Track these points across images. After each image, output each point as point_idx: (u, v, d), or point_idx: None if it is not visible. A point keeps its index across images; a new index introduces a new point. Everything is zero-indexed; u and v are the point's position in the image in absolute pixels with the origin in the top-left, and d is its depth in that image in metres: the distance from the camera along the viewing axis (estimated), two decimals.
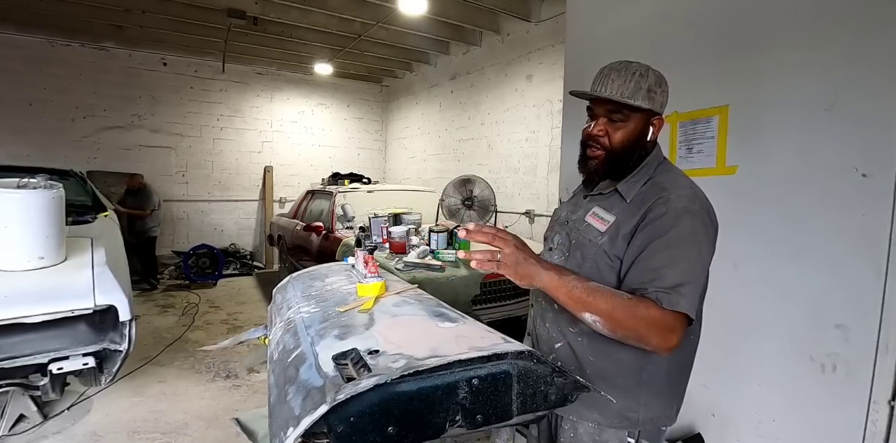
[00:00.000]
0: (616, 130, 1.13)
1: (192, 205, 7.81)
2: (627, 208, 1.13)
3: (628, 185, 1.15)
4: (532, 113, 5.56)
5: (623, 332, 0.98)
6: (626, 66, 1.12)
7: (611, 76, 1.12)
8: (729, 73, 1.94)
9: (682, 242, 1.03)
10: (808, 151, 1.71)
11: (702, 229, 1.05)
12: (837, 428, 1.64)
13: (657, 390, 1.16)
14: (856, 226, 1.58)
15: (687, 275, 1.01)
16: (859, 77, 1.57)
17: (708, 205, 1.11)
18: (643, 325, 0.96)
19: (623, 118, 1.12)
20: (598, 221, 1.16)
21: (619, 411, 1.14)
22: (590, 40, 2.60)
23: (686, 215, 1.04)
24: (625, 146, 1.14)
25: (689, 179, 1.17)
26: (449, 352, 0.86)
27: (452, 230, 3.45)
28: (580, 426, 1.19)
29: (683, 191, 1.09)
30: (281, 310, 1.49)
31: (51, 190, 2.21)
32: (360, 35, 6.20)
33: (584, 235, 1.17)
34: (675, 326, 0.97)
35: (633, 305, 0.97)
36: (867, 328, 1.56)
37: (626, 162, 1.15)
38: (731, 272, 1.94)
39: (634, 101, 1.09)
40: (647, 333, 0.97)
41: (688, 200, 1.07)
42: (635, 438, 1.17)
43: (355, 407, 0.75)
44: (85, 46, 6.79)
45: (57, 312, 2.00)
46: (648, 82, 1.10)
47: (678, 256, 1.02)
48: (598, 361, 1.16)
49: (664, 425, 1.21)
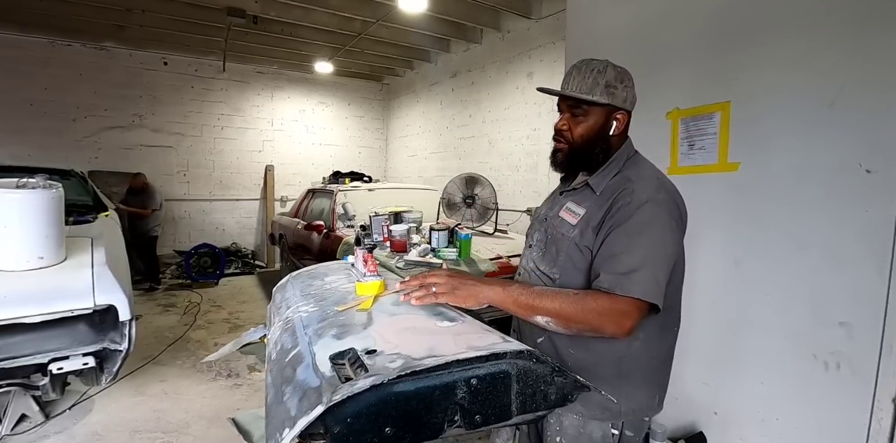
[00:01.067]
0: (577, 124, 1.18)
1: (193, 204, 7.81)
2: (597, 201, 1.16)
3: (598, 178, 1.19)
4: (533, 111, 5.55)
5: (577, 326, 1.02)
6: (586, 63, 1.16)
7: (573, 74, 1.17)
8: (731, 69, 1.92)
9: (641, 228, 1.06)
10: (811, 146, 1.69)
11: (665, 218, 1.07)
12: (841, 426, 1.63)
13: (638, 382, 1.18)
14: (859, 222, 1.56)
15: (644, 261, 1.03)
16: (863, 71, 1.55)
17: (675, 196, 1.14)
18: (593, 315, 1.00)
19: (583, 113, 1.17)
20: (570, 214, 1.20)
21: (601, 402, 1.16)
22: (590, 37, 2.58)
23: (648, 204, 1.07)
24: (585, 140, 1.18)
25: (658, 171, 1.20)
26: (447, 351, 0.85)
27: (453, 228, 3.44)
28: (565, 419, 1.21)
29: (649, 182, 1.12)
30: (280, 309, 1.48)
31: (50, 190, 2.21)
32: (360, 33, 6.18)
33: (559, 230, 1.21)
34: (628, 312, 1.00)
35: (580, 299, 1.01)
36: (871, 326, 1.55)
37: (589, 155, 1.20)
38: (733, 269, 1.92)
39: (592, 95, 1.13)
40: (599, 322, 1.00)
41: (653, 190, 1.10)
42: (619, 429, 1.20)
43: (352, 408, 0.74)
44: (86, 46, 6.79)
45: (56, 312, 2.00)
46: (606, 78, 1.13)
47: (636, 242, 1.05)
48: (577, 353, 1.19)
49: (646, 416, 1.23)
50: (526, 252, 1.37)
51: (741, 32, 1.88)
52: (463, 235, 3.35)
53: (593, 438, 1.19)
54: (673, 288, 1.16)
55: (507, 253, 3.56)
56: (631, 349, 1.15)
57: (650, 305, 1.02)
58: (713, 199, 1.97)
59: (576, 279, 1.15)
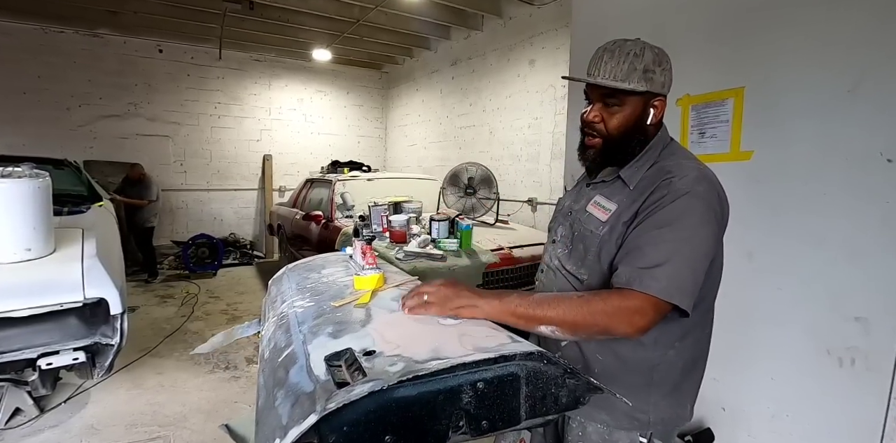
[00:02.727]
0: (612, 115, 1.06)
1: (190, 194, 7.73)
2: (630, 195, 1.05)
3: (631, 171, 1.08)
4: (535, 99, 5.45)
5: (584, 330, 0.93)
6: (619, 46, 1.03)
7: (604, 58, 1.04)
8: (745, 53, 1.84)
9: (672, 220, 0.96)
10: (829, 135, 1.61)
11: (701, 211, 0.97)
12: (855, 424, 1.58)
13: (668, 390, 1.10)
14: (879, 214, 1.50)
15: (669, 255, 0.93)
16: (887, 54, 1.47)
17: (718, 188, 1.03)
18: (601, 317, 0.91)
19: (618, 102, 1.05)
20: (600, 210, 1.10)
21: (628, 412, 1.08)
22: (597, 22, 2.50)
23: (685, 196, 0.97)
24: (622, 132, 1.07)
25: (698, 161, 1.09)
26: (452, 353, 0.78)
27: (454, 219, 3.37)
28: (589, 426, 1.14)
29: (690, 172, 1.01)
30: (275, 303, 1.42)
31: (36, 179, 2.13)
32: (359, 20, 6.06)
33: (586, 227, 1.11)
34: (642, 309, 0.91)
35: (586, 302, 0.92)
36: (889, 321, 1.49)
37: (626, 149, 1.09)
38: (746, 262, 1.86)
39: (629, 83, 1.01)
40: (607, 323, 0.91)
41: (692, 181, 0.99)
42: (647, 438, 1.11)
43: (349, 415, 0.68)
44: (79, 33, 6.65)
45: (45, 305, 1.94)
46: (644, 62, 1.01)
47: (664, 235, 0.95)
48: (606, 359, 1.10)
49: (677, 426, 1.15)
50: (549, 248, 1.27)
51: (755, 14, 1.80)
52: (464, 226, 3.29)
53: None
54: (708, 289, 1.06)
55: (508, 244, 3.50)
56: (665, 358, 1.07)
57: (673, 307, 0.93)
58: (725, 189, 1.89)
59: (606, 281, 1.05)
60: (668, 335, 1.06)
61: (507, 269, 3.31)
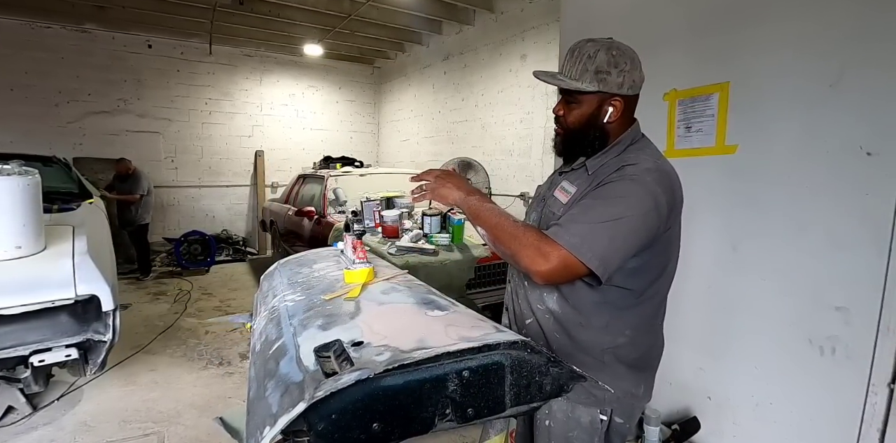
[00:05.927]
0: (570, 110, 1.16)
1: (182, 191, 7.68)
2: (588, 179, 1.13)
3: (596, 160, 1.16)
4: (527, 94, 5.45)
5: (501, 247, 1.03)
6: (580, 46, 1.10)
7: (566, 58, 1.12)
8: (730, 48, 1.86)
9: (607, 196, 1.03)
10: (811, 128, 1.64)
11: (640, 196, 1.01)
12: (835, 411, 1.62)
13: (621, 372, 1.17)
14: (859, 206, 1.53)
15: (592, 220, 0.99)
16: (866, 50, 1.50)
17: (669, 182, 1.07)
18: (516, 245, 0.99)
19: (574, 100, 1.14)
20: (563, 193, 1.18)
21: (586, 387, 1.14)
22: (585, 17, 2.51)
23: (629, 180, 1.03)
24: (577, 127, 1.16)
25: (659, 157, 1.15)
26: (437, 343, 0.81)
27: (446, 213, 3.39)
28: (554, 403, 1.18)
29: (644, 163, 1.07)
30: (266, 298, 1.44)
31: (25, 176, 2.12)
32: (349, 14, 6.02)
33: (551, 209, 1.19)
34: (549, 255, 0.96)
35: (517, 228, 1.02)
36: (868, 310, 1.53)
37: (583, 141, 1.17)
38: (730, 253, 1.90)
39: (581, 83, 1.08)
40: (517, 252, 0.99)
41: (643, 171, 1.05)
42: (607, 415, 1.18)
43: (337, 403, 0.70)
44: (66, 28, 6.57)
45: (36, 302, 1.94)
46: (597, 64, 1.07)
47: (597, 206, 1.02)
48: (562, 338, 1.17)
49: (632, 404, 1.22)
50: None
51: (742, 10, 1.82)
52: (456, 220, 3.30)
53: (581, 423, 1.18)
54: (662, 282, 1.15)
55: None
56: (616, 343, 1.14)
57: (587, 272, 0.96)
58: (710, 182, 1.93)
59: None
60: (620, 323, 1.14)
61: (498, 263, 3.33)
